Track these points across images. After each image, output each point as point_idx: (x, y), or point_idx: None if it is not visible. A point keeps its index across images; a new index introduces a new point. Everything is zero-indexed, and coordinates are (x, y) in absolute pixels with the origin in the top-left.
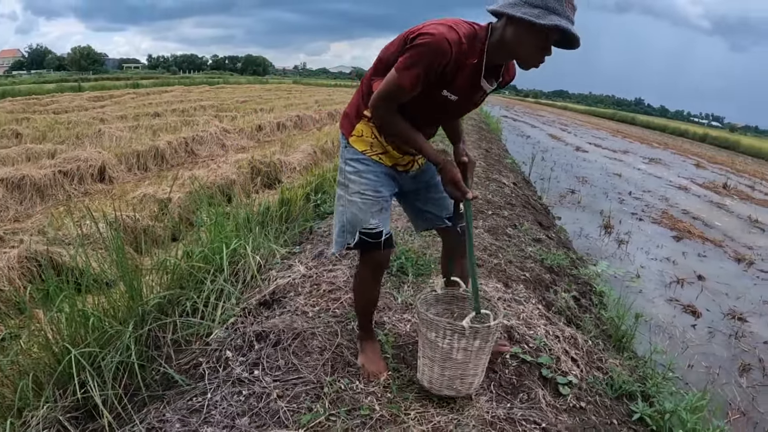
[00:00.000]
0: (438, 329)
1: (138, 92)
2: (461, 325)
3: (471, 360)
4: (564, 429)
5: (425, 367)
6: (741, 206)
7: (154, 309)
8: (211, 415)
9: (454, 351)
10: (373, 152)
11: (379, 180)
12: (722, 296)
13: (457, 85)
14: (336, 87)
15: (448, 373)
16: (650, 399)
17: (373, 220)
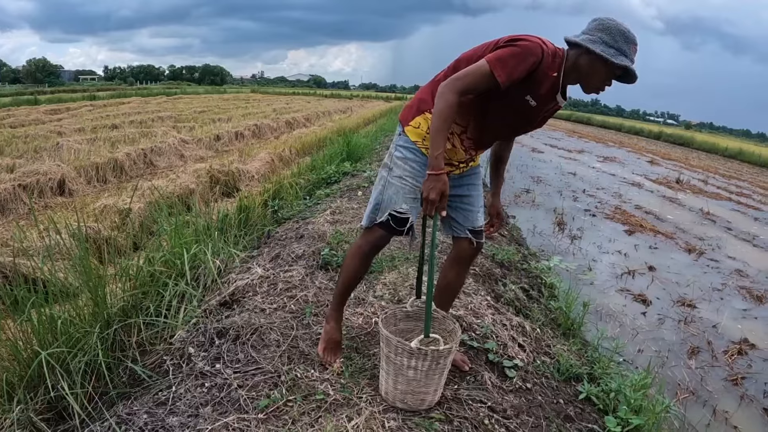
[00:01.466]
0: (390, 345)
1: (95, 104)
2: (409, 345)
3: (421, 378)
4: (509, 407)
5: (382, 379)
6: (693, 200)
7: (119, 313)
8: (176, 406)
9: (404, 368)
10: (423, 145)
11: (422, 172)
12: (672, 285)
13: (539, 93)
14: (294, 95)
15: (401, 388)
16: (597, 380)
17: (405, 205)
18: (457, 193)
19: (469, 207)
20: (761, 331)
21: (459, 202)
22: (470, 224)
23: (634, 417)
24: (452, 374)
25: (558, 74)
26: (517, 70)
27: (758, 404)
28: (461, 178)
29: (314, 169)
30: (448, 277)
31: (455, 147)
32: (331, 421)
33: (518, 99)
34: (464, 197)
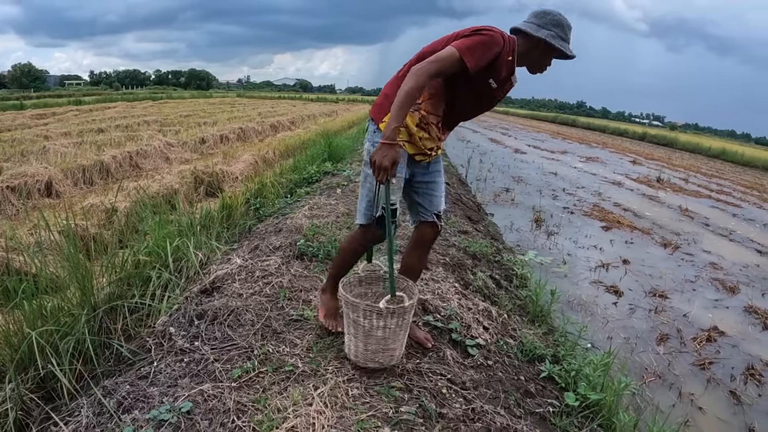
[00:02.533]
0: (358, 310)
1: (81, 109)
2: (378, 307)
3: (390, 336)
4: (468, 380)
5: (350, 343)
6: (673, 197)
7: (105, 300)
8: (156, 378)
9: (374, 329)
10: (398, 138)
11: (401, 166)
12: (646, 277)
13: (499, 76)
14: (280, 99)
15: (372, 348)
16: (561, 362)
17: (394, 197)
18: (425, 180)
19: (434, 192)
20: (731, 320)
21: (425, 188)
22: (435, 208)
23: (593, 393)
24: (415, 350)
25: (512, 58)
26: (484, 57)
27: (725, 387)
28: (428, 165)
29: (296, 170)
30: (410, 262)
31: (431, 136)
32: (298, 389)
33: (483, 82)
34: (430, 183)
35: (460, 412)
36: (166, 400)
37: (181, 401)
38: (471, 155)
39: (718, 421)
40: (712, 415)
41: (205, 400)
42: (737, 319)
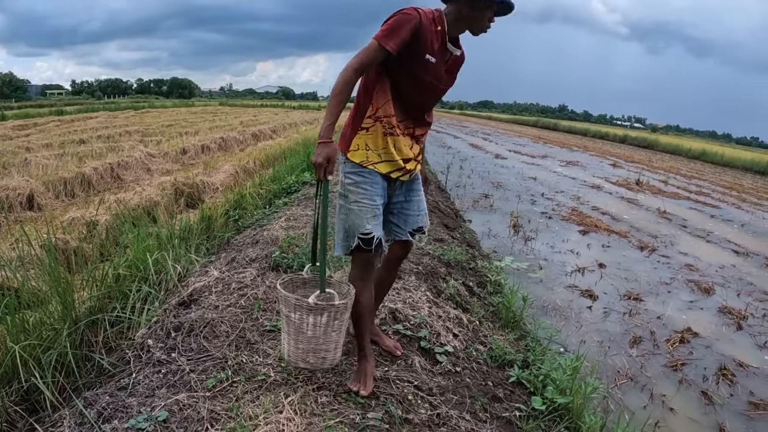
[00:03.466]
0: (289, 304)
1: (63, 119)
2: (306, 301)
3: (320, 335)
4: (435, 387)
5: (284, 341)
6: (652, 200)
7: (86, 313)
8: (135, 389)
9: (304, 325)
10: (369, 162)
11: (374, 190)
12: (621, 280)
13: (433, 49)
14: (262, 107)
15: (302, 347)
16: (530, 366)
17: (368, 225)
18: (399, 200)
19: (411, 212)
20: (706, 321)
21: (399, 208)
22: (410, 226)
23: (560, 397)
24: (384, 358)
25: (442, 28)
26: (401, 34)
27: (696, 387)
28: (406, 186)
29: (275, 180)
30: (381, 276)
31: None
32: (269, 397)
33: (417, 60)
34: (405, 203)
35: (426, 417)
36: (144, 410)
37: (158, 411)
38: (451, 161)
39: (689, 422)
40: (683, 416)
41: (181, 409)
42: (711, 319)
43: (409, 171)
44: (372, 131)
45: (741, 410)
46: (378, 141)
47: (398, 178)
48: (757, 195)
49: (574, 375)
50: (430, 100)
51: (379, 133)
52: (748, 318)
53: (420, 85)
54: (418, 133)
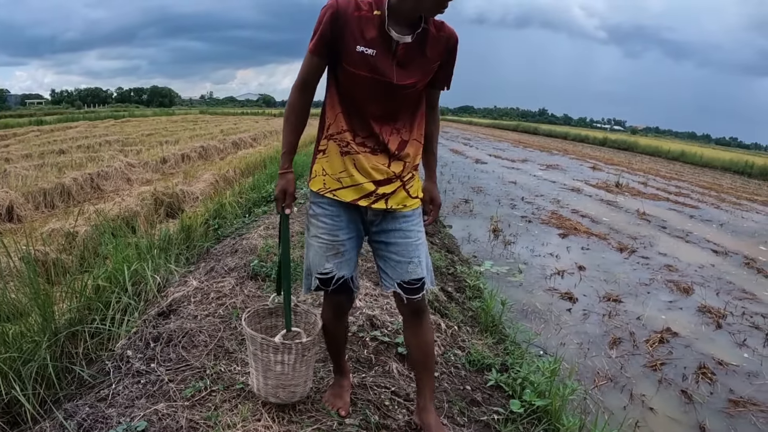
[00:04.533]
0: (255, 343)
1: (42, 129)
2: (273, 341)
3: (288, 372)
4: (413, 392)
5: (252, 377)
6: (631, 202)
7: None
8: (114, 400)
9: (272, 364)
10: (326, 189)
11: (335, 223)
12: (600, 282)
13: (365, 38)
14: (243, 115)
15: (271, 383)
16: (509, 370)
17: (328, 264)
18: (379, 238)
19: (396, 257)
20: (685, 320)
21: (384, 251)
22: (399, 277)
23: (538, 399)
24: (361, 365)
25: (381, 12)
26: (318, 31)
27: (676, 387)
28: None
29: (255, 188)
30: (407, 342)
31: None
32: (247, 405)
33: (350, 55)
34: (388, 244)
35: (403, 422)
36: (123, 420)
37: (137, 421)
38: None
39: (669, 421)
40: (663, 415)
41: (160, 419)
42: (691, 319)
43: (384, 196)
44: (328, 152)
45: (721, 408)
46: (335, 163)
47: (370, 205)
48: (736, 195)
49: (552, 377)
50: (389, 104)
51: (334, 154)
52: (727, 317)
53: (363, 84)
54: (395, 147)
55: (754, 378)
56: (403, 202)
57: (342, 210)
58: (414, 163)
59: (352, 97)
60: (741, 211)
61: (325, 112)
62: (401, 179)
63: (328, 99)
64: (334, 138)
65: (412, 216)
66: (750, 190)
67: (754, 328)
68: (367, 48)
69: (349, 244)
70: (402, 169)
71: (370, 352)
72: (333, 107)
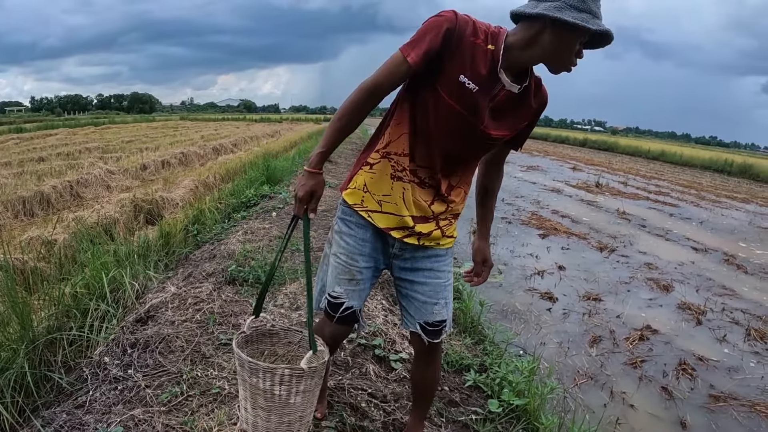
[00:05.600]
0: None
1: (22, 137)
2: (300, 369)
3: (309, 400)
4: (390, 393)
5: (258, 419)
6: (611, 201)
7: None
8: (92, 406)
9: (292, 396)
10: (362, 208)
11: (359, 247)
12: (581, 282)
13: (474, 70)
14: (224, 121)
15: (287, 419)
16: (488, 370)
17: (339, 288)
18: (404, 276)
19: (422, 297)
20: (664, 317)
21: (410, 290)
22: (422, 318)
23: (516, 398)
24: (337, 368)
25: (496, 48)
26: (425, 41)
27: (656, 383)
28: (415, 260)
29: (234, 194)
30: (414, 375)
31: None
32: (224, 409)
33: (453, 84)
34: (417, 284)
35: (380, 424)
36: (100, 427)
37: (114, 427)
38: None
39: (650, 417)
40: (643, 412)
41: (136, 424)
42: (671, 316)
43: (420, 234)
44: (377, 169)
45: (701, 404)
46: (382, 184)
47: (402, 238)
48: (716, 193)
49: (531, 377)
50: (462, 145)
51: (385, 174)
52: (707, 313)
53: (448, 117)
54: (444, 188)
55: (735, 373)
56: (437, 240)
57: (369, 235)
58: (456, 211)
59: (428, 123)
60: (720, 208)
61: (388, 126)
62: (437, 221)
63: (397, 115)
64: (390, 157)
65: (445, 256)
66: (729, 187)
67: (734, 323)
68: (469, 81)
69: (366, 274)
70: (443, 211)
71: (347, 354)
72: (400, 125)
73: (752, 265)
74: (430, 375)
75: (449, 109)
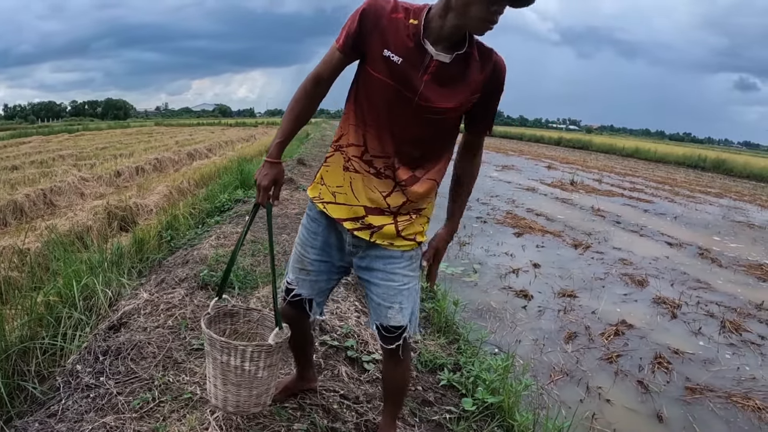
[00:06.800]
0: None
1: None
2: (268, 344)
3: (273, 374)
4: (362, 395)
5: (228, 395)
6: (586, 199)
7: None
8: (64, 415)
9: (260, 370)
10: (320, 200)
11: (310, 240)
12: (555, 279)
13: (396, 43)
14: (198, 126)
15: (255, 392)
16: (461, 369)
17: (292, 275)
18: (364, 277)
19: (377, 299)
20: (639, 312)
21: (367, 289)
22: (378, 320)
23: (490, 396)
24: None
25: (418, 22)
26: (346, 26)
27: (632, 378)
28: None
29: (208, 199)
30: (383, 373)
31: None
32: (195, 415)
33: (378, 59)
34: (372, 285)
35: (352, 425)
36: None
37: None
38: None
39: (626, 411)
40: (620, 406)
41: (108, 431)
42: (646, 311)
43: (371, 227)
44: (331, 162)
45: (677, 396)
46: (336, 175)
47: (353, 231)
48: (690, 188)
49: (504, 374)
50: (415, 128)
51: (338, 166)
52: (682, 306)
53: (379, 89)
54: (401, 175)
55: (710, 365)
56: (391, 240)
57: (321, 230)
58: (419, 206)
59: (372, 107)
60: (695, 203)
61: (341, 123)
62: (394, 216)
63: (346, 109)
64: (341, 150)
65: (400, 258)
66: (703, 182)
67: (709, 316)
68: (394, 54)
69: (317, 266)
70: (402, 204)
71: (319, 356)
72: (348, 118)
73: (726, 258)
74: (400, 375)
75: (380, 84)
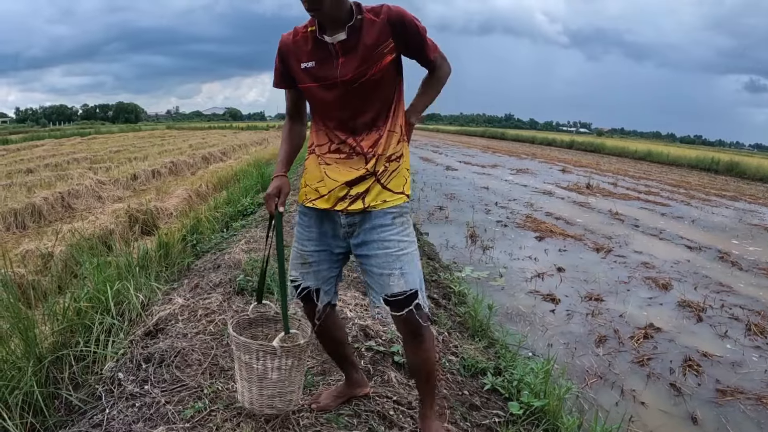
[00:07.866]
0: (251, 351)
1: (8, 148)
2: (272, 346)
3: (286, 378)
4: (414, 400)
5: (244, 390)
6: (603, 202)
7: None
8: (110, 425)
9: (269, 371)
10: (307, 200)
11: (306, 233)
12: (581, 282)
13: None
14: (210, 129)
15: (267, 392)
16: (503, 373)
17: (295, 272)
18: (362, 253)
19: (377, 270)
20: (666, 315)
21: (366, 265)
22: (382, 291)
23: (535, 400)
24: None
25: (314, 27)
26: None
27: (665, 380)
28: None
29: (230, 202)
30: (407, 357)
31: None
32: (250, 423)
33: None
34: (370, 257)
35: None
36: None
37: None
38: None
39: (661, 414)
40: (654, 409)
41: None
42: (672, 314)
43: (359, 195)
44: (308, 164)
45: (709, 398)
46: (313, 173)
47: (347, 208)
48: (705, 191)
49: (546, 378)
50: (349, 104)
51: (314, 165)
52: (707, 309)
53: (316, 95)
54: (366, 145)
55: (738, 367)
56: (382, 197)
57: (314, 221)
58: (387, 154)
59: (317, 110)
60: (711, 206)
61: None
62: (375, 174)
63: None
64: (314, 151)
65: (391, 225)
66: (718, 185)
67: (733, 319)
68: (308, 62)
69: (317, 256)
70: (376, 161)
71: (367, 362)
72: (312, 125)
73: (746, 262)
74: (421, 356)
75: (312, 89)
